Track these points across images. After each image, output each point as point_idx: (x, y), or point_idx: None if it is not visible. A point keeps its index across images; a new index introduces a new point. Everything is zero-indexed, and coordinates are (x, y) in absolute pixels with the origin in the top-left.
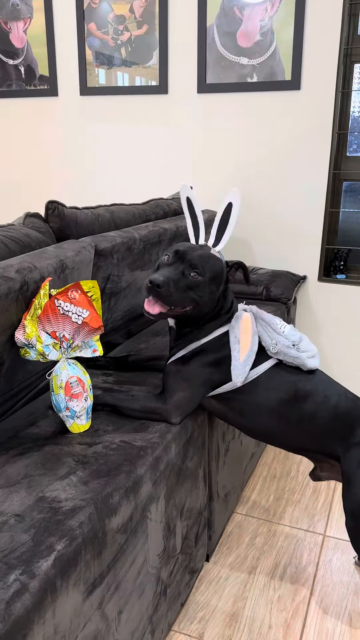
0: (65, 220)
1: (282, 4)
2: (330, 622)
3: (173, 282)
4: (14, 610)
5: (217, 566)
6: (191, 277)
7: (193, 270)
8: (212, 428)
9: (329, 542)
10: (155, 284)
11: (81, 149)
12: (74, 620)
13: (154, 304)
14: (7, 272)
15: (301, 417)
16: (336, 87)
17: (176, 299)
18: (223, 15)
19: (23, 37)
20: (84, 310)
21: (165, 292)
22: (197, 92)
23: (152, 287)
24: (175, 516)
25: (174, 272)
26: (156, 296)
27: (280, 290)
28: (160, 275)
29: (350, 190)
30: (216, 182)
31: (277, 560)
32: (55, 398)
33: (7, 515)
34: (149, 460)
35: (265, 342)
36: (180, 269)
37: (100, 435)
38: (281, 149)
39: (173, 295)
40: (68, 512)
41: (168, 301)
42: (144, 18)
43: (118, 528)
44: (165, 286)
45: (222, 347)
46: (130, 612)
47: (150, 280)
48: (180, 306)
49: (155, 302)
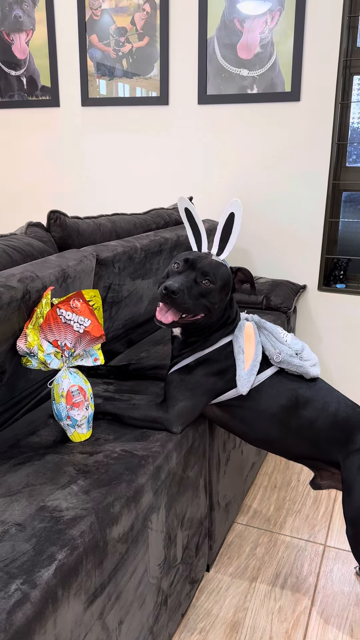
0: (67, 230)
1: (282, 17)
2: (331, 632)
3: (187, 289)
4: (15, 620)
5: (217, 576)
6: (203, 284)
7: (205, 278)
8: (213, 437)
9: (329, 552)
10: (170, 290)
11: (83, 159)
12: (75, 630)
13: (166, 313)
14: (9, 281)
15: (301, 424)
16: (335, 99)
17: (190, 306)
18: (223, 27)
19: (25, 48)
20: (86, 319)
21: (180, 299)
22: (198, 103)
23: (167, 294)
24: (176, 526)
25: (186, 280)
26: (171, 303)
27: (280, 300)
28: (175, 282)
29: (349, 201)
30: (217, 192)
31: (278, 570)
32: (56, 407)
33: (8, 524)
34: (150, 469)
35: (269, 351)
36: (192, 277)
37: (101, 444)
38: (281, 160)
39: (187, 302)
40: (69, 521)
41: (182, 308)
42: (145, 30)
43: (119, 537)
44: (180, 293)
45: (226, 357)
46: (131, 623)
47: (166, 286)
48: (193, 314)
49: (168, 310)
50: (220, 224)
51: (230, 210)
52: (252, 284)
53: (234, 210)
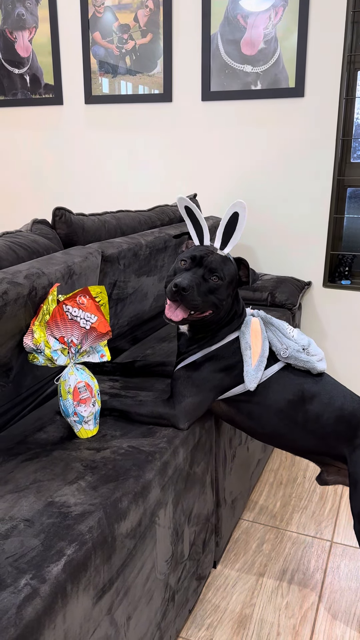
0: (72, 227)
1: (285, 12)
2: (339, 628)
3: (196, 285)
4: (25, 615)
5: (224, 572)
6: (212, 281)
7: (213, 275)
8: (219, 434)
9: (336, 548)
10: (181, 287)
11: (86, 156)
12: (84, 625)
13: (175, 310)
14: (15, 278)
15: (307, 419)
16: (340, 94)
17: (200, 302)
18: (227, 23)
19: (28, 46)
20: (92, 316)
21: (190, 296)
22: (202, 99)
23: (177, 291)
24: (183, 522)
25: (195, 277)
26: (181, 300)
27: (285, 296)
28: (184, 279)
29: (354, 196)
30: (221, 189)
31: (285, 566)
32: (63, 403)
33: (17, 520)
34: (157, 465)
35: (276, 346)
36: (200, 274)
37: (108, 441)
38: (285, 156)
39: (196, 299)
40: (77, 516)
41: (192, 305)
42: (148, 27)
43: (127, 533)
44: (190, 290)
45: (233, 353)
46: (139, 618)
47: (176, 283)
48: (202, 310)
49: (177, 307)
50: (223, 220)
51: (233, 210)
52: (249, 275)
53: (237, 210)
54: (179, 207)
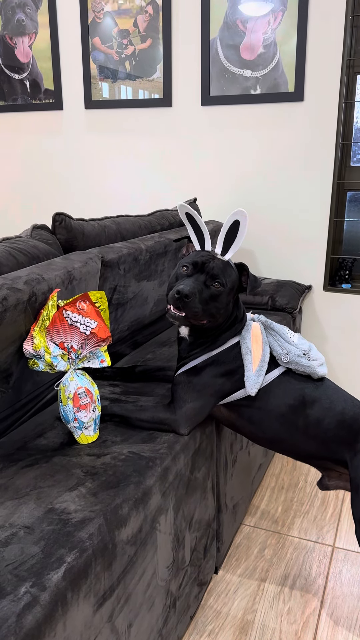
0: (72, 232)
1: (284, 17)
2: (341, 634)
3: (198, 292)
4: (25, 623)
5: (226, 578)
6: (214, 287)
7: (215, 281)
8: (220, 439)
9: (338, 553)
10: (183, 294)
11: (86, 161)
12: (85, 633)
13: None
14: (15, 284)
15: (308, 423)
16: (339, 98)
17: (200, 310)
18: (226, 28)
19: (28, 52)
20: (92, 321)
21: (192, 303)
22: (201, 104)
23: (180, 298)
24: (184, 528)
25: (197, 283)
26: (183, 307)
27: (286, 300)
28: (186, 286)
29: (354, 200)
30: (221, 194)
31: (287, 571)
32: (63, 409)
33: (17, 527)
34: (157, 471)
35: (276, 351)
36: (201, 280)
37: (108, 446)
38: (285, 160)
39: (197, 307)
40: (78, 523)
41: (193, 312)
42: (148, 32)
43: (128, 540)
44: (192, 297)
45: (234, 358)
46: (140, 625)
47: (178, 290)
48: (202, 319)
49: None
50: (224, 228)
51: (234, 218)
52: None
53: (238, 218)
54: (180, 214)
